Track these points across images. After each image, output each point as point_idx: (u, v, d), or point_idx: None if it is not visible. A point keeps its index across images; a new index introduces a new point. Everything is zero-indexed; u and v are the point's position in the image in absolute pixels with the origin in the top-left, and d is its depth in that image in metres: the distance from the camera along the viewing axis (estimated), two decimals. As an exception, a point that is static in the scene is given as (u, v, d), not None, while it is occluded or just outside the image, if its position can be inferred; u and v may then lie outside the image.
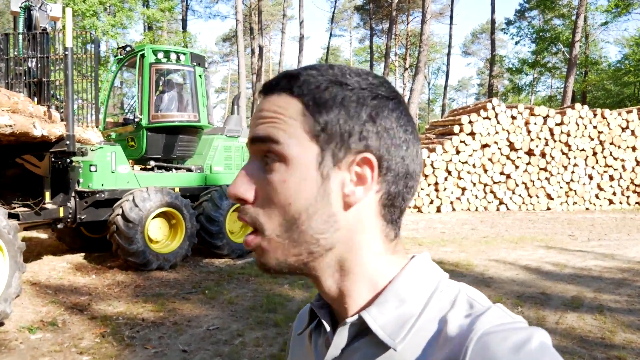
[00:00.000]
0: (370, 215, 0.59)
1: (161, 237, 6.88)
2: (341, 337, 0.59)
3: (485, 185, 14.95)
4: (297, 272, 0.60)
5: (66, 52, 5.46)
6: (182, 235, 6.92)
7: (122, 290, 5.63)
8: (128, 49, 7.91)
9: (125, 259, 6.48)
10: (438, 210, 14.44)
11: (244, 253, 7.65)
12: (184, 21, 33.08)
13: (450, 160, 14.39)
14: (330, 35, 41.67)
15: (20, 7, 6.10)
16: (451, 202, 14.63)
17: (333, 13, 41.08)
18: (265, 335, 4.20)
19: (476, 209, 14.84)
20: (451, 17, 34.38)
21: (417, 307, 0.56)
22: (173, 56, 7.64)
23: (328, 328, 0.62)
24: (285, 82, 0.59)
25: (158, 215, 6.77)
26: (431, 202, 14.41)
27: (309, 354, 0.68)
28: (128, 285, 5.85)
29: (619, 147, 15.85)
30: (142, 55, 7.45)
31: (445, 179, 14.47)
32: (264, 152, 0.58)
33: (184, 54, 7.76)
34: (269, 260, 0.59)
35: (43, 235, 9.18)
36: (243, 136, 8.69)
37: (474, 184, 14.84)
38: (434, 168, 14.23)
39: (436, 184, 14.40)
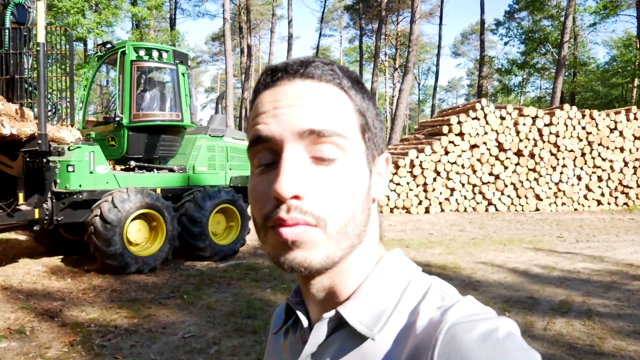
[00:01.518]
0: (374, 207, 0.62)
1: (141, 239, 6.67)
2: (318, 333, 0.59)
3: (474, 185, 14.87)
4: (330, 269, 0.58)
5: (38, 48, 5.25)
6: (162, 238, 6.71)
7: (97, 295, 5.42)
8: (108, 45, 7.67)
9: (103, 262, 6.27)
10: (427, 211, 14.33)
11: (227, 255, 7.46)
12: (172, 20, 32.72)
13: (439, 161, 14.29)
14: (320, 35, 41.48)
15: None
16: (440, 203, 14.53)
17: (323, 13, 40.91)
18: (242, 343, 4.02)
19: (465, 210, 14.76)
20: (441, 18, 34.38)
21: (392, 301, 0.57)
22: (155, 53, 7.41)
23: (305, 324, 0.62)
24: (327, 72, 0.58)
25: (138, 217, 6.56)
26: (420, 202, 14.30)
27: (283, 352, 0.68)
28: (104, 290, 5.65)
29: (607, 148, 15.86)
30: (123, 53, 7.22)
31: (434, 179, 14.36)
32: (321, 143, 0.55)
33: (166, 51, 7.54)
34: (318, 255, 0.55)
35: (21, 237, 8.92)
36: (227, 135, 8.49)
37: (463, 185, 14.76)
38: (422, 168, 14.12)
39: (425, 184, 14.30)
